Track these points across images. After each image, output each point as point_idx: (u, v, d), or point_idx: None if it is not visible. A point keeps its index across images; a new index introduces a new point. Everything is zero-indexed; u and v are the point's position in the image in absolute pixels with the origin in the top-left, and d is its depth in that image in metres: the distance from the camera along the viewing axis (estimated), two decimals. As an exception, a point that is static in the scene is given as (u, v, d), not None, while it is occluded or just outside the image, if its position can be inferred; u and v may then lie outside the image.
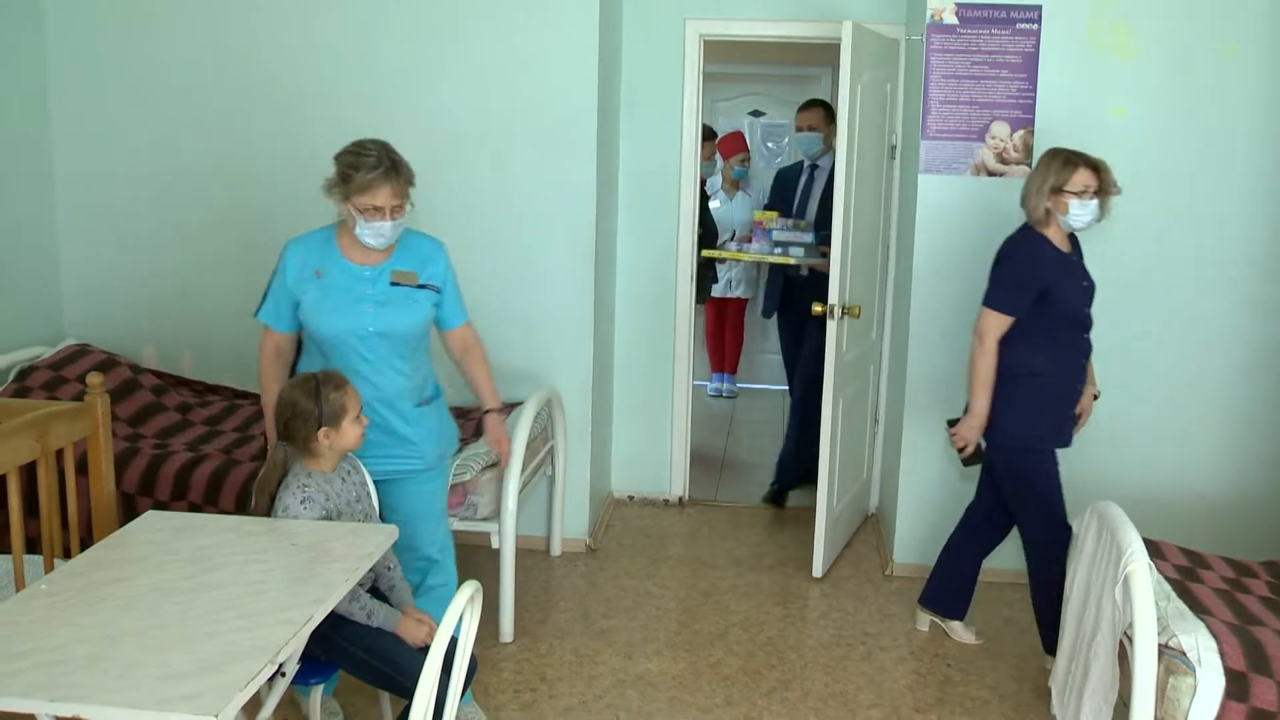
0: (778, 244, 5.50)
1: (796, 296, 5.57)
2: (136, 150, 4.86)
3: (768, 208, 6.07)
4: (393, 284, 3.20)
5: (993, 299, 3.71)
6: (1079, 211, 3.65)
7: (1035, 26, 4.34)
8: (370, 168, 3.02)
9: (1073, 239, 3.82)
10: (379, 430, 3.19)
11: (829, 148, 5.49)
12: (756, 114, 8.93)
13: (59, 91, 4.85)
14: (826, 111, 5.62)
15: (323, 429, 2.85)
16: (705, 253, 5.15)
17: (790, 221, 5.49)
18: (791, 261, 5.43)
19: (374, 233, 3.09)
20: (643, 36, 5.14)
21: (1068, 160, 3.65)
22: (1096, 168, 3.66)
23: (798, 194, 5.77)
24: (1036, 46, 4.34)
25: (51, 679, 1.97)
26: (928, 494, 4.67)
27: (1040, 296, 3.65)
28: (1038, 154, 4.35)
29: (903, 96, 5.01)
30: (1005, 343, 3.72)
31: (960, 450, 3.88)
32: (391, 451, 3.26)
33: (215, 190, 4.88)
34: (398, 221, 3.11)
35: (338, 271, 3.16)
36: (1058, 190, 3.64)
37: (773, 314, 5.97)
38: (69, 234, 4.91)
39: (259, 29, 4.74)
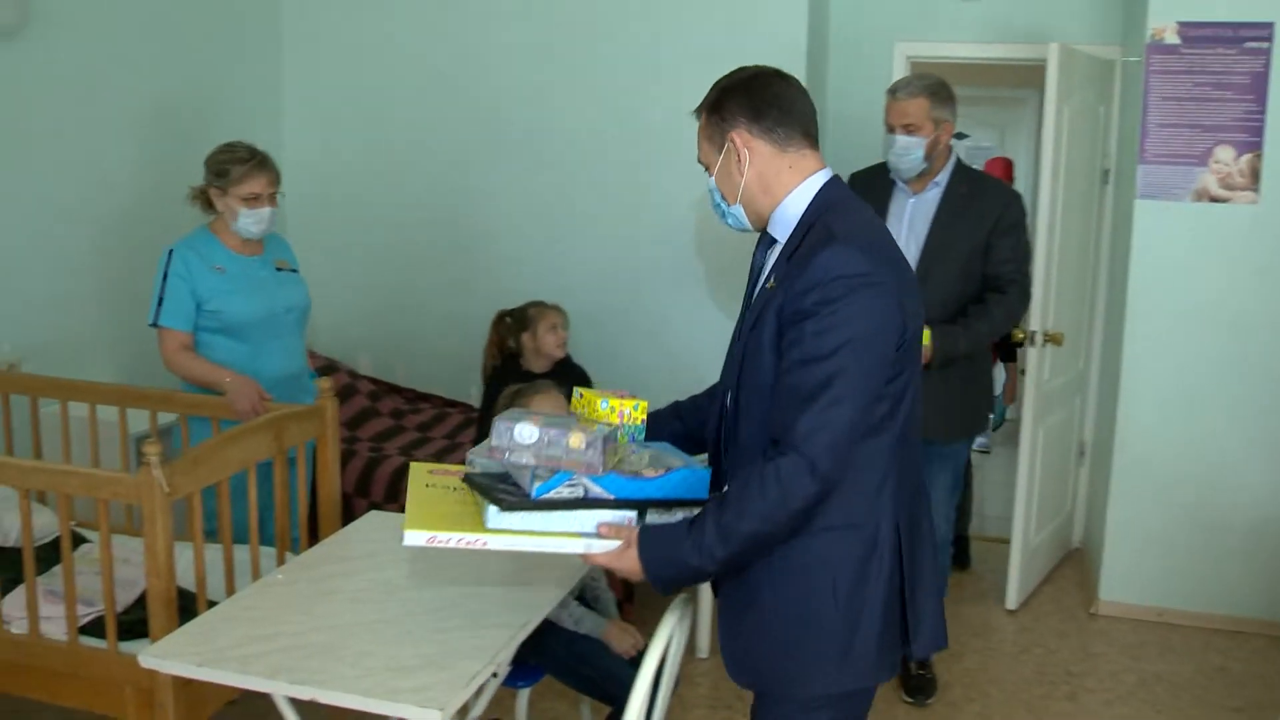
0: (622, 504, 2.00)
1: None
2: (357, 179, 5.23)
3: None
4: (278, 269, 3.49)
5: None
6: None
7: (1266, 45, 4.13)
8: (244, 161, 3.32)
9: None
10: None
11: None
12: (960, 136, 8.75)
13: (292, 118, 5.23)
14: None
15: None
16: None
17: (648, 454, 2.13)
18: None
19: (256, 219, 3.34)
20: (850, 58, 5.13)
21: None
22: None
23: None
24: (1267, 66, 4.13)
25: (292, 662, 2.11)
26: (1140, 529, 4.47)
27: None
28: (1265, 180, 4.16)
29: (1117, 119, 4.84)
30: None
31: None
32: None
33: (426, 217, 5.21)
34: (274, 210, 3.36)
35: (235, 264, 3.41)
36: None
37: None
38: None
39: (445, 50, 5.10)
